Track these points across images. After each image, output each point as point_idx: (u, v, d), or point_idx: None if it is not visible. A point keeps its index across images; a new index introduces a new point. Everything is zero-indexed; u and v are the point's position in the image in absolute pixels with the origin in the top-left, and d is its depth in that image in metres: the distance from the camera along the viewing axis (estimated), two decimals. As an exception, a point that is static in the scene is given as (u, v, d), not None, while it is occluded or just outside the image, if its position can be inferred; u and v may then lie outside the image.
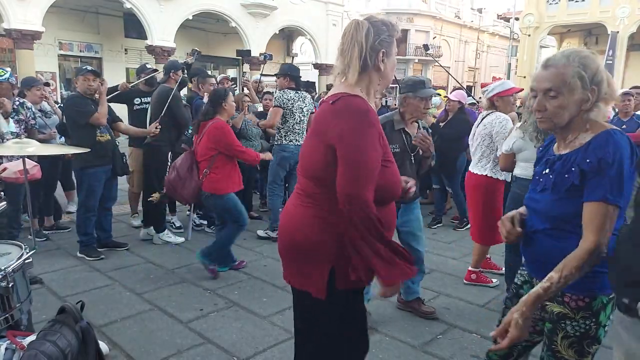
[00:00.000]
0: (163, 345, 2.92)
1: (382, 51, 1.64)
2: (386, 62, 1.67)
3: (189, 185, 3.84)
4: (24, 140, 3.38)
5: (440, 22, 31.26)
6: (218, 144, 3.84)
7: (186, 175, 3.86)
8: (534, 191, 1.69)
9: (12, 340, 2.09)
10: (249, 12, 16.71)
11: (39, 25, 12.50)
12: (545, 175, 1.63)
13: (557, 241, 1.57)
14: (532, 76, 1.60)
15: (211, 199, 3.93)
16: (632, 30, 19.89)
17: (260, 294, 3.71)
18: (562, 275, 1.44)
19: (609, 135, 1.47)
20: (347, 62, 1.63)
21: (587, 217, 1.46)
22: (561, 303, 1.58)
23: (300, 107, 5.01)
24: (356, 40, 1.61)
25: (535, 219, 1.65)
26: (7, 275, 2.11)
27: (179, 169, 3.90)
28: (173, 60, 5.80)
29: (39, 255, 4.12)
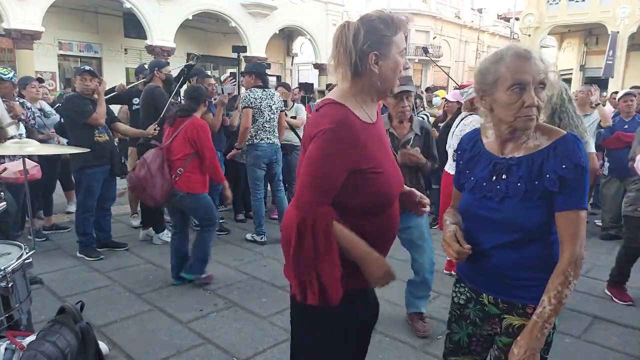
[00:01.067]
0: (163, 345, 2.92)
1: (372, 54, 1.51)
2: (381, 64, 1.53)
3: (159, 183, 3.54)
4: (24, 140, 3.38)
5: (440, 22, 31.25)
6: (196, 143, 3.64)
7: (157, 173, 3.55)
8: (489, 200, 1.48)
9: (11, 340, 2.09)
10: (249, 12, 16.70)
11: (38, 25, 12.49)
12: (502, 181, 1.47)
13: (520, 252, 1.45)
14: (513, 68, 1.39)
15: (185, 199, 3.69)
16: (633, 30, 19.87)
17: (260, 294, 3.70)
18: (550, 296, 1.36)
19: (577, 140, 1.41)
20: (336, 67, 1.55)
21: (566, 227, 1.39)
22: (523, 315, 1.47)
23: (269, 105, 4.92)
24: (343, 44, 1.51)
25: (494, 232, 1.48)
26: (7, 276, 2.10)
27: (150, 165, 3.57)
28: (158, 59, 5.78)
29: (39, 255, 4.12)
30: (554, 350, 1.72)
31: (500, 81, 1.40)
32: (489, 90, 1.44)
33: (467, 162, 1.61)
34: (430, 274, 3.15)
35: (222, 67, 18.69)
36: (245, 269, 4.24)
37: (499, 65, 1.41)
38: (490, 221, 1.49)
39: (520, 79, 1.37)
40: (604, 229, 5.55)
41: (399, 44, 1.57)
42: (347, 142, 1.49)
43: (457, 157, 1.68)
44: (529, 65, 1.38)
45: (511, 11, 27.83)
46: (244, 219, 5.86)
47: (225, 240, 5.11)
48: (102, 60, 15.72)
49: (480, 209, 1.51)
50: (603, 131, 5.48)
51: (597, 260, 4.62)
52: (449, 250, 1.51)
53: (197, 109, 3.81)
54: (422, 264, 3.12)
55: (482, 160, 1.56)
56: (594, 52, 23.14)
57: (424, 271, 3.13)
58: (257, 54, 17.04)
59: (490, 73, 1.43)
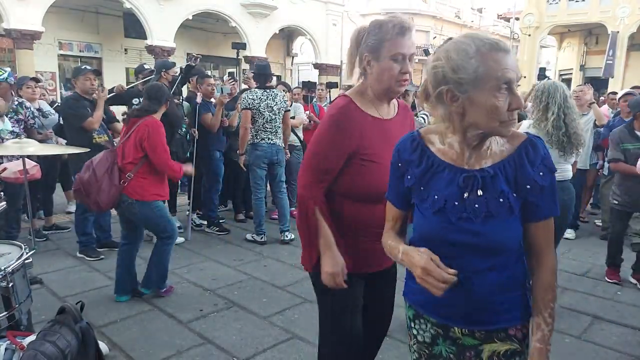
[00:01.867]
0: (163, 345, 2.92)
1: (365, 56, 1.67)
2: (374, 66, 1.66)
3: (106, 189, 3.22)
4: (24, 140, 3.39)
5: (440, 22, 31.23)
6: (147, 146, 3.33)
7: (103, 178, 3.23)
8: (467, 222, 1.23)
9: (11, 340, 2.09)
10: (249, 12, 16.68)
11: (38, 25, 12.48)
12: (480, 198, 1.22)
13: (503, 273, 1.27)
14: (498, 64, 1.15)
15: (134, 207, 3.35)
16: (633, 30, 19.86)
17: (260, 294, 3.70)
18: (545, 316, 1.26)
19: (542, 141, 1.28)
20: (347, 67, 1.78)
21: (544, 236, 1.27)
22: (506, 338, 1.30)
23: (270, 106, 4.87)
24: (351, 46, 1.70)
25: (472, 257, 1.25)
26: (7, 276, 2.10)
27: (96, 168, 3.25)
28: (164, 59, 5.78)
29: (39, 255, 4.12)
30: (554, 350, 1.72)
31: (485, 80, 1.14)
32: (464, 91, 1.17)
33: (420, 177, 1.31)
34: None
35: (222, 67, 18.68)
36: (245, 269, 4.24)
37: (481, 60, 1.14)
38: (469, 246, 1.24)
39: (508, 77, 1.15)
40: (604, 229, 5.55)
41: (390, 48, 1.61)
42: (342, 126, 1.66)
43: (395, 169, 1.37)
44: (512, 61, 1.17)
45: (511, 11, 27.80)
46: (244, 219, 5.86)
47: (225, 240, 5.11)
48: (102, 60, 15.68)
49: (456, 234, 1.24)
50: (603, 131, 5.49)
51: (597, 260, 4.62)
52: (431, 280, 1.18)
53: (156, 110, 3.51)
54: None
55: (442, 174, 1.28)
56: (594, 52, 23.13)
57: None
58: (257, 54, 17.02)
59: (467, 70, 1.15)
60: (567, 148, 3.15)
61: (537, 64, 23.26)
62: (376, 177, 1.66)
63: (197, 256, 4.56)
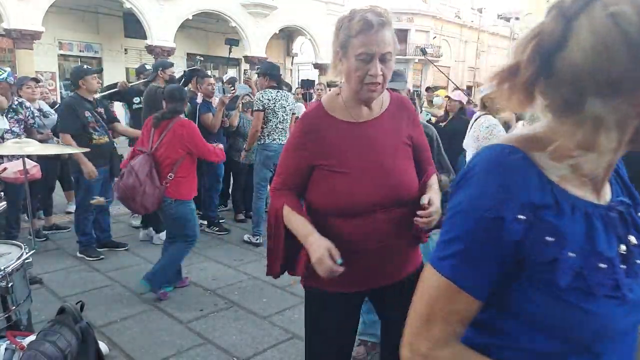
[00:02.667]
0: (163, 345, 2.92)
1: (337, 50, 1.49)
2: (343, 64, 1.48)
3: (150, 191, 3.31)
4: (24, 140, 3.39)
5: (440, 22, 31.24)
6: (189, 145, 3.45)
7: (146, 180, 3.30)
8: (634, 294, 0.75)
9: (11, 340, 2.09)
10: (249, 12, 16.70)
11: (38, 25, 12.50)
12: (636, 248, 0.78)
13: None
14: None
15: (173, 206, 3.45)
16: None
17: (260, 294, 3.70)
18: None
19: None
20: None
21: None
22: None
23: (283, 106, 4.86)
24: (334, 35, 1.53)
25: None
26: (7, 276, 2.10)
27: (139, 172, 3.31)
28: (163, 59, 5.79)
29: (39, 255, 4.12)
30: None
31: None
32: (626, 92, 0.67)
33: (555, 230, 0.72)
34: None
35: (222, 67, 18.68)
36: (245, 269, 4.24)
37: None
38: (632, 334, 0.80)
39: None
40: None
41: (356, 47, 1.42)
42: (300, 136, 1.59)
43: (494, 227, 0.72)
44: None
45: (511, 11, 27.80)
46: (244, 219, 5.85)
47: (226, 240, 5.11)
48: (102, 60, 15.71)
49: (630, 317, 0.76)
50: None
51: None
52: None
53: (183, 110, 3.62)
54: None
55: (591, 222, 0.75)
56: (594, 52, 23.16)
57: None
58: (257, 54, 17.04)
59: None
60: None
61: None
62: (344, 188, 1.52)
63: (197, 256, 4.55)
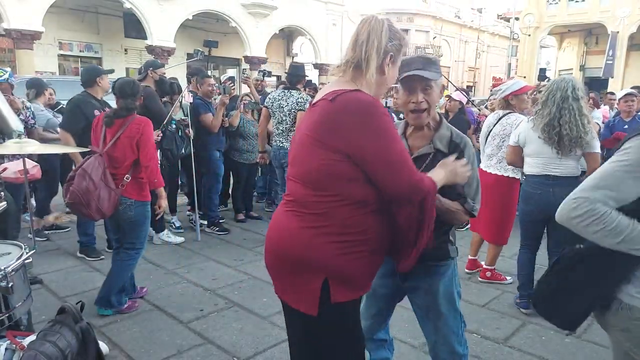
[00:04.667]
0: (163, 345, 2.92)
1: (390, 54, 1.57)
2: (390, 68, 1.60)
3: (106, 195, 3.05)
4: (24, 140, 3.38)
5: (440, 22, 31.23)
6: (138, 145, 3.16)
7: (100, 184, 3.03)
8: None
9: (12, 340, 2.09)
10: (249, 12, 16.70)
11: (38, 25, 12.50)
12: None
13: None
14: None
15: (131, 208, 3.20)
16: (632, 30, 19.88)
17: (260, 294, 3.70)
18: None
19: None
20: (363, 55, 1.52)
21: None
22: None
23: (281, 106, 4.75)
24: (376, 34, 1.53)
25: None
26: (7, 275, 2.10)
27: (92, 175, 3.03)
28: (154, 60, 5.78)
29: (39, 255, 4.12)
30: (554, 349, 1.72)
31: None
32: None
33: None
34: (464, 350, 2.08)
35: (222, 67, 18.69)
36: (245, 269, 4.24)
37: None
38: None
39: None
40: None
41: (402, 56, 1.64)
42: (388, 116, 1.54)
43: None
44: None
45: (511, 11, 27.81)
46: (244, 219, 5.85)
47: (226, 240, 5.11)
48: (102, 61, 15.72)
49: None
50: (602, 131, 5.49)
51: (597, 260, 4.61)
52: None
53: (136, 107, 3.30)
54: (435, 348, 2.07)
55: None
56: (594, 52, 23.16)
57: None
58: (257, 54, 17.05)
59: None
60: (561, 147, 3.12)
61: (537, 64, 23.26)
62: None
63: (197, 256, 4.56)
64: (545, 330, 3.19)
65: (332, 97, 1.48)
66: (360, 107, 1.44)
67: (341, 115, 1.45)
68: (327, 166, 1.47)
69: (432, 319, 2.02)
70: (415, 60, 1.83)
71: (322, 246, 1.50)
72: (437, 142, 1.89)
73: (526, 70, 23.06)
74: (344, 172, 1.47)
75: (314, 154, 1.49)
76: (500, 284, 4.00)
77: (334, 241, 1.49)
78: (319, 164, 1.48)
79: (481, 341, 3.05)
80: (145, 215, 3.30)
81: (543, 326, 3.22)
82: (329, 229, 1.49)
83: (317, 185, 1.50)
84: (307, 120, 1.59)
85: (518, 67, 24.83)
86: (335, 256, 1.49)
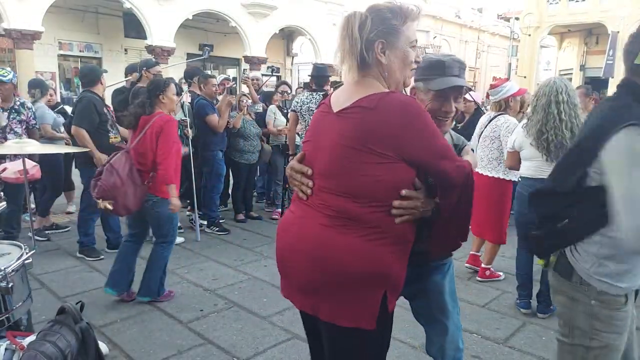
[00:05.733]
0: (163, 345, 2.92)
1: (379, 42, 1.45)
2: (389, 54, 1.47)
3: (132, 191, 3.12)
4: (24, 140, 3.39)
5: (440, 21, 31.21)
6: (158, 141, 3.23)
7: (127, 180, 3.11)
8: None
9: (11, 340, 2.09)
10: (249, 12, 16.68)
11: (38, 25, 12.49)
12: None
13: None
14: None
15: (157, 205, 3.29)
16: (633, 30, 19.75)
17: (260, 295, 3.70)
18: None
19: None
20: (341, 60, 1.49)
21: None
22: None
23: (311, 109, 4.76)
24: (349, 34, 1.45)
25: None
26: (7, 276, 2.10)
27: (120, 171, 3.10)
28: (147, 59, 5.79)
29: (39, 255, 4.12)
30: (554, 350, 1.72)
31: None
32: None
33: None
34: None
35: (222, 67, 18.69)
36: (245, 269, 4.24)
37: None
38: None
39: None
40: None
41: (408, 35, 1.49)
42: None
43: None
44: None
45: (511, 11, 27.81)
46: (244, 219, 5.85)
47: (226, 240, 5.11)
48: (102, 61, 15.69)
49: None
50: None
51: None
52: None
53: (155, 104, 3.37)
54: (443, 348, 2.07)
55: None
56: (594, 52, 23.14)
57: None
58: (257, 54, 17.03)
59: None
60: (549, 153, 3.09)
61: (537, 64, 23.25)
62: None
63: (197, 256, 4.56)
64: (545, 330, 3.19)
65: (372, 105, 1.41)
66: (404, 111, 1.41)
67: (388, 123, 1.40)
68: (382, 176, 1.42)
69: (441, 319, 2.02)
70: (452, 64, 1.76)
71: (385, 257, 1.44)
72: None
73: (526, 70, 23.06)
74: (398, 179, 1.44)
75: (364, 166, 1.42)
76: (498, 281, 4.06)
77: (391, 251, 1.46)
78: (374, 176, 1.41)
79: (481, 341, 3.05)
80: (170, 211, 3.35)
81: (543, 326, 3.22)
82: (387, 239, 1.45)
83: (371, 197, 1.43)
84: (339, 128, 1.47)
85: (518, 67, 24.83)
86: (396, 265, 1.47)
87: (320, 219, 1.47)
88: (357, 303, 1.45)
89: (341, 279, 1.44)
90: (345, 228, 1.43)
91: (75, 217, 4.74)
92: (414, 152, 1.43)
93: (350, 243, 1.43)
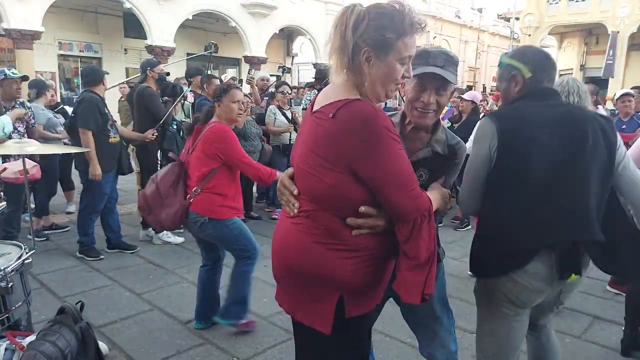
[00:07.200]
0: (163, 345, 2.92)
1: (366, 50, 1.35)
2: (374, 65, 1.36)
3: (169, 205, 2.85)
4: (24, 140, 3.39)
5: (440, 21, 31.22)
6: (219, 152, 2.87)
7: (168, 193, 2.86)
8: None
9: (11, 340, 2.09)
10: (249, 12, 16.69)
11: (38, 25, 12.49)
12: None
13: None
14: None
15: (208, 227, 2.90)
16: (633, 30, 19.86)
17: (260, 295, 3.70)
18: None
19: None
20: (330, 55, 1.39)
21: None
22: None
23: None
24: (341, 30, 1.36)
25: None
26: (7, 276, 2.10)
27: (160, 183, 2.88)
28: (149, 59, 5.79)
29: (39, 255, 4.12)
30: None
31: None
32: None
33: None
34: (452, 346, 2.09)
35: (222, 67, 18.68)
36: (245, 269, 4.23)
37: None
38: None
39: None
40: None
41: (400, 50, 1.37)
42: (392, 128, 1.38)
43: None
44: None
45: (511, 11, 27.81)
46: (243, 219, 5.84)
47: (225, 240, 5.11)
48: (102, 60, 15.70)
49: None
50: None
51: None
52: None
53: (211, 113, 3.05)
54: (432, 351, 2.08)
55: None
56: (594, 52, 23.14)
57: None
58: (257, 54, 17.04)
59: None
60: None
61: (537, 64, 23.17)
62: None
63: (197, 256, 4.52)
64: (545, 331, 3.18)
65: (332, 112, 1.35)
66: (364, 124, 1.31)
67: (343, 136, 1.33)
68: (336, 187, 1.37)
69: (430, 325, 2.03)
70: (437, 55, 1.69)
71: (336, 262, 1.41)
72: (435, 145, 1.78)
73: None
74: (352, 193, 1.38)
75: (321, 173, 1.38)
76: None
77: (344, 257, 1.41)
78: (329, 185, 1.38)
79: (481, 341, 3.05)
80: (229, 231, 2.96)
81: (543, 326, 3.21)
82: (340, 245, 1.41)
83: (328, 203, 1.40)
84: (309, 131, 1.45)
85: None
86: (350, 272, 1.42)
87: (291, 217, 1.50)
88: (310, 302, 1.49)
89: (294, 275, 1.50)
90: (302, 227, 1.45)
91: (75, 217, 4.73)
92: (364, 171, 1.34)
93: (302, 242, 1.45)
